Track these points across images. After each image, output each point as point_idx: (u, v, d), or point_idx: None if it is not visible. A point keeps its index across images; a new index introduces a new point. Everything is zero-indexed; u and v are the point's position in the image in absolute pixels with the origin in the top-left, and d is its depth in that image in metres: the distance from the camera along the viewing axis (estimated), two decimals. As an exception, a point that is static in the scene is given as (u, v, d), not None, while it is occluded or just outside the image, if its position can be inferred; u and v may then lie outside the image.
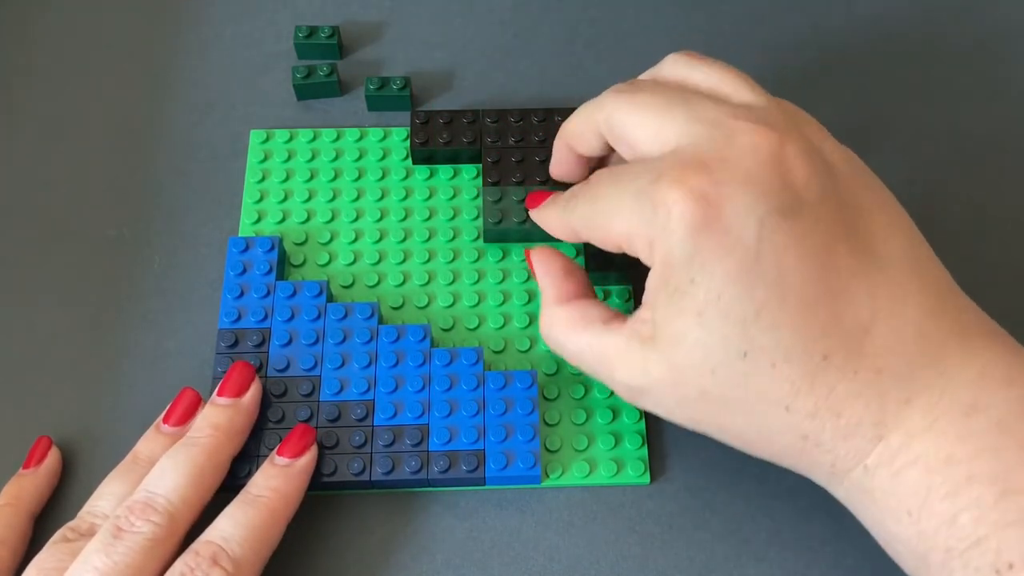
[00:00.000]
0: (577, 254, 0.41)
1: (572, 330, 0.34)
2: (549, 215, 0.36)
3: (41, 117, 0.45)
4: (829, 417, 0.30)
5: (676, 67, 0.34)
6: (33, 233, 0.42)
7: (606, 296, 0.40)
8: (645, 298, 0.32)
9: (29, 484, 0.35)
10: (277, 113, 0.45)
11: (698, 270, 0.30)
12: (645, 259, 0.31)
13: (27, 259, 0.41)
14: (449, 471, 0.36)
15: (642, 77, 0.36)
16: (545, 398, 0.38)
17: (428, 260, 0.41)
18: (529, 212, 0.38)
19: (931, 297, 0.31)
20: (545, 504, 0.36)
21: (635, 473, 0.36)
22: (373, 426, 0.36)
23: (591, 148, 0.36)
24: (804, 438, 0.30)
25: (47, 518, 0.36)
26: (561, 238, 0.36)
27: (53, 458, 0.36)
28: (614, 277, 0.39)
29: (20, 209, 0.42)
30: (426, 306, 0.40)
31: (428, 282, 0.40)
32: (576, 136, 0.36)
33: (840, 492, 0.32)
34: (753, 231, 0.29)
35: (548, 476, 0.36)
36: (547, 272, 0.35)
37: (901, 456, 0.29)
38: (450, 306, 0.40)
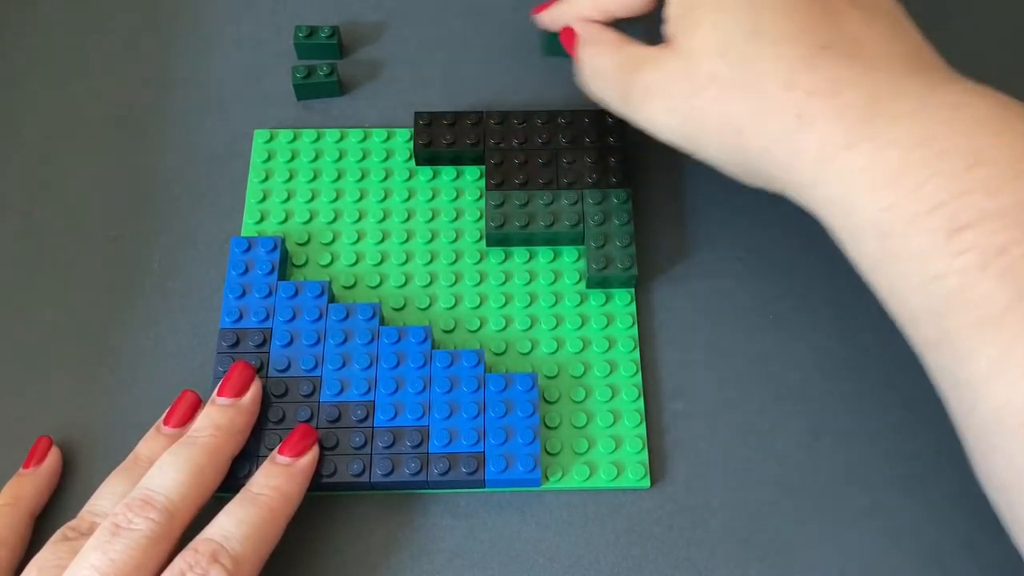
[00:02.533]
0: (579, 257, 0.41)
1: (609, 46, 0.38)
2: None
3: (41, 117, 0.45)
4: (826, 96, 0.32)
5: None
6: (33, 233, 0.42)
7: (607, 299, 0.40)
8: (666, 13, 0.36)
9: (29, 484, 0.35)
10: (277, 113, 0.45)
11: None
12: None
13: (27, 259, 0.41)
14: (449, 473, 0.36)
15: None
16: (546, 401, 0.38)
17: (430, 261, 0.41)
18: (544, 16, 0.42)
19: (917, 43, 0.34)
20: (545, 505, 0.36)
21: (635, 477, 0.36)
22: (373, 427, 0.36)
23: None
24: (799, 116, 0.32)
25: (47, 518, 0.36)
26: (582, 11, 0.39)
27: (53, 458, 0.36)
28: (616, 279, 0.39)
29: (20, 209, 0.42)
30: (428, 307, 0.40)
31: (430, 283, 0.40)
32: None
33: (819, 186, 0.32)
34: None
35: (548, 479, 0.36)
36: (589, 23, 0.40)
37: (885, 135, 0.31)
38: (451, 308, 0.40)
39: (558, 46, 0.42)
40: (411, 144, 0.43)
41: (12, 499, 0.35)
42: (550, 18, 0.42)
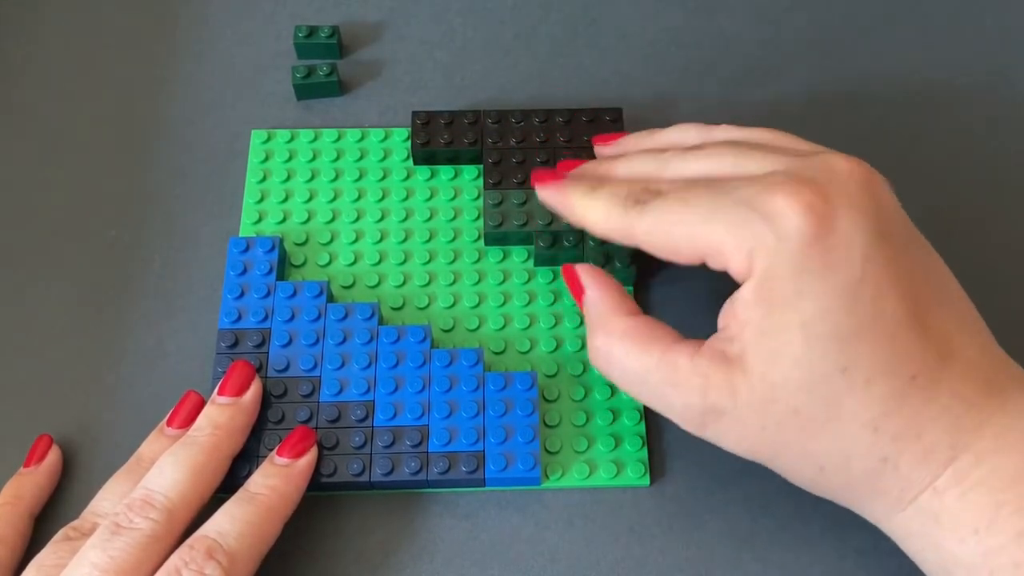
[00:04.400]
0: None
1: (638, 346, 0.33)
2: (598, 210, 0.34)
3: (41, 117, 0.45)
4: (911, 439, 0.30)
5: (721, 133, 0.36)
6: (33, 233, 0.42)
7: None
8: (730, 316, 0.31)
9: (29, 483, 0.36)
10: (277, 113, 0.45)
11: (807, 283, 0.30)
12: (738, 271, 0.31)
13: (27, 259, 0.41)
14: (449, 472, 0.36)
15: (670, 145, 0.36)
16: (545, 399, 0.38)
17: (429, 261, 0.41)
18: (549, 194, 0.36)
19: (987, 338, 0.32)
20: (545, 504, 0.36)
21: (635, 475, 0.36)
22: (373, 427, 0.36)
23: (614, 239, 0.34)
24: (884, 460, 0.30)
25: (47, 517, 0.36)
26: (608, 235, 0.34)
27: (53, 457, 0.36)
28: (616, 277, 0.39)
29: (20, 209, 0.42)
30: (426, 307, 0.40)
31: (428, 283, 0.40)
32: (601, 229, 0.34)
33: (899, 521, 0.31)
34: (859, 251, 0.30)
35: (548, 478, 0.36)
36: (602, 286, 0.35)
37: (971, 476, 0.30)
38: (450, 307, 0.40)
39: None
40: (409, 144, 0.43)
41: (12, 498, 0.35)
42: (548, 195, 0.36)
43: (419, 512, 0.36)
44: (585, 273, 0.35)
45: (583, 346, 0.39)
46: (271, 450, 0.35)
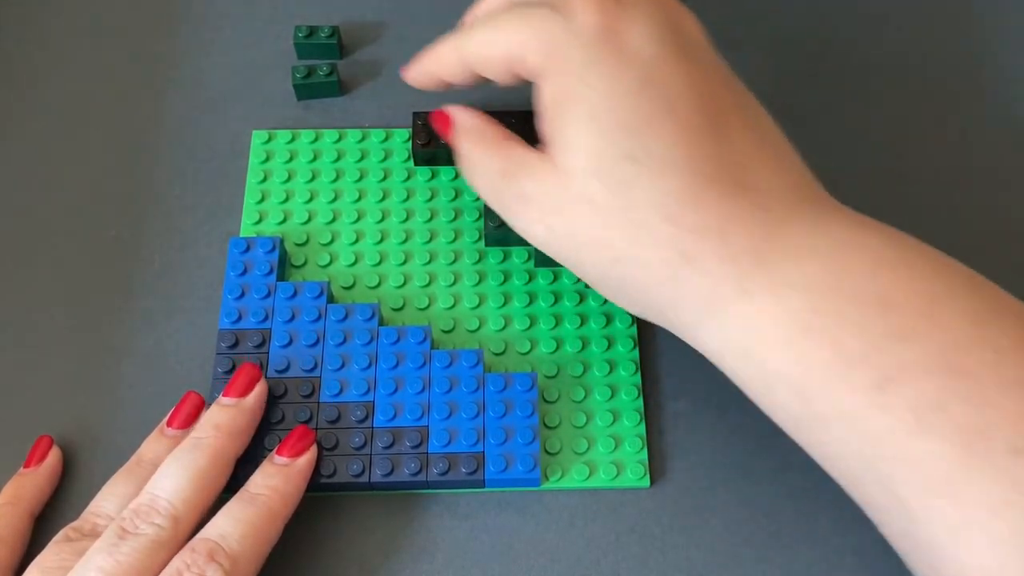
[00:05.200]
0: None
1: (491, 143, 0.35)
2: (441, 52, 0.37)
3: (41, 117, 0.45)
4: (712, 233, 0.30)
5: None
6: (33, 233, 0.42)
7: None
8: (541, 116, 0.33)
9: (29, 483, 0.36)
10: (277, 113, 0.45)
11: (596, 77, 0.31)
12: (539, 74, 0.33)
13: (27, 259, 0.41)
14: (448, 473, 0.36)
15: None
16: (545, 400, 0.38)
17: (429, 262, 0.41)
18: (410, 71, 0.38)
19: (801, 170, 0.33)
20: (545, 505, 0.36)
21: (635, 476, 0.36)
22: (373, 428, 0.36)
23: (457, 78, 0.37)
24: (682, 254, 0.30)
25: (48, 518, 0.36)
26: (455, 79, 0.37)
27: (54, 457, 0.36)
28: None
29: (20, 209, 0.42)
30: (427, 308, 0.40)
31: (429, 284, 0.40)
32: (445, 72, 0.37)
33: (712, 330, 0.31)
34: (649, 53, 0.32)
35: (548, 479, 0.36)
36: (467, 110, 0.37)
37: (783, 279, 0.29)
38: (451, 308, 0.40)
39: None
40: (409, 144, 0.43)
41: (12, 498, 0.35)
42: (415, 73, 0.38)
43: (419, 512, 0.36)
44: (452, 107, 0.37)
45: (584, 347, 0.39)
46: (271, 450, 0.35)
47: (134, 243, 0.42)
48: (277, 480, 0.34)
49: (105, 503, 0.34)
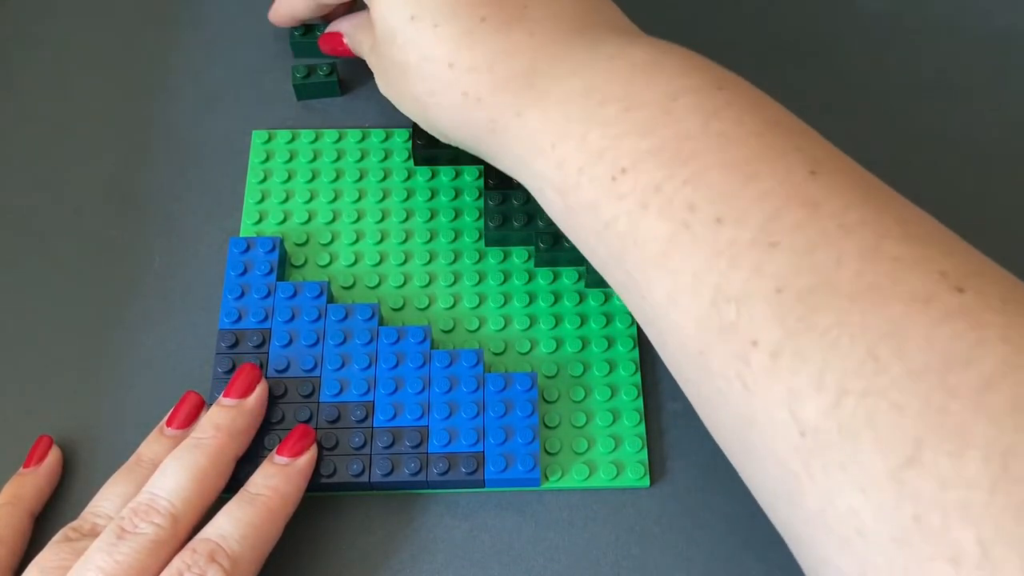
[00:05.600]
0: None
1: (363, 26, 0.40)
2: None
3: (41, 117, 0.45)
4: (485, 70, 0.33)
5: None
6: (33, 233, 0.42)
7: (606, 299, 0.40)
8: None
9: (29, 483, 0.36)
10: (277, 113, 0.45)
11: None
12: None
13: (27, 259, 0.41)
14: (448, 473, 0.36)
15: None
16: (545, 400, 0.38)
17: (429, 261, 0.41)
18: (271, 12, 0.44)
19: (591, 3, 0.35)
20: (545, 505, 0.36)
21: (635, 476, 0.36)
22: (373, 427, 0.36)
23: None
24: (464, 94, 0.33)
25: (47, 517, 0.36)
26: (306, 11, 0.43)
27: (54, 457, 0.36)
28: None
29: (20, 209, 0.42)
30: (427, 307, 0.40)
31: (429, 283, 0.40)
32: None
33: (503, 154, 0.34)
34: None
35: (547, 479, 0.36)
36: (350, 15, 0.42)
37: (550, 97, 0.32)
38: (451, 308, 0.40)
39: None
40: (410, 144, 0.43)
41: (12, 498, 0.35)
42: (277, 14, 0.44)
43: (419, 512, 0.36)
44: (337, 21, 0.43)
45: (583, 347, 0.39)
46: (271, 450, 0.35)
47: (134, 243, 0.42)
48: (277, 480, 0.34)
49: (104, 503, 0.34)
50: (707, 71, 0.32)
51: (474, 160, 0.42)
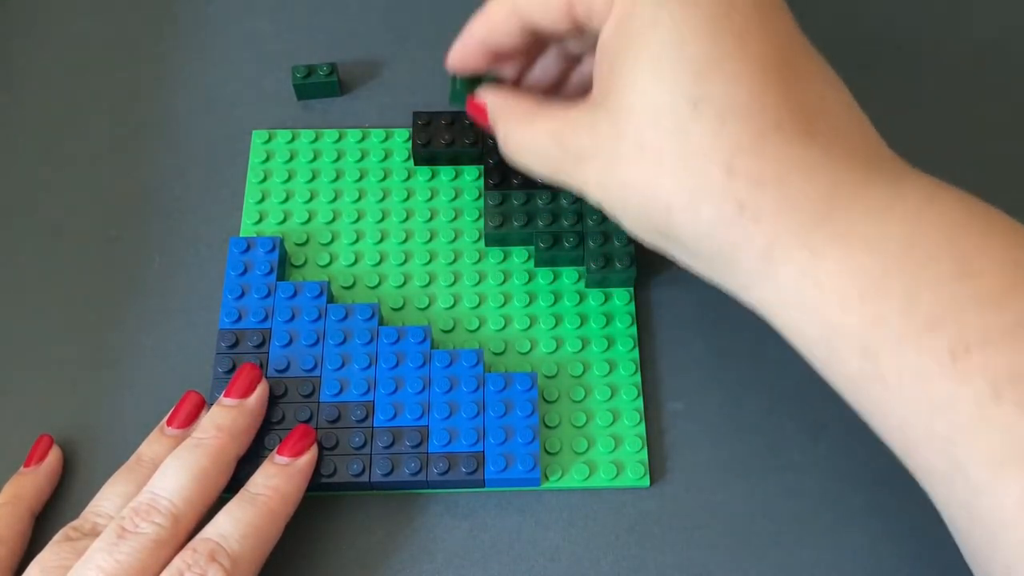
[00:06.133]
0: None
1: (530, 115, 0.33)
2: (489, 10, 0.34)
3: (41, 117, 0.45)
4: (773, 184, 0.28)
5: None
6: (33, 233, 0.42)
7: (606, 299, 0.40)
8: (595, 63, 0.31)
9: (29, 483, 0.36)
10: (277, 113, 0.45)
11: (665, 12, 0.29)
12: (596, 11, 0.30)
13: (27, 259, 0.41)
14: (448, 473, 0.36)
15: None
16: (545, 400, 0.38)
17: (429, 261, 0.41)
18: (454, 49, 0.36)
19: (866, 121, 0.30)
20: (545, 504, 0.36)
21: (635, 476, 0.36)
22: (373, 427, 0.36)
23: (507, 35, 0.34)
24: (741, 207, 0.28)
25: (48, 517, 0.36)
26: (505, 40, 0.34)
27: (54, 457, 0.36)
28: (615, 278, 0.39)
29: (20, 209, 0.42)
30: (427, 307, 0.40)
31: (429, 283, 0.40)
32: (493, 20, 0.34)
33: (771, 286, 0.29)
34: None
35: (547, 479, 0.36)
36: (500, 91, 0.35)
37: (855, 235, 0.28)
38: (451, 307, 0.40)
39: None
40: (410, 144, 0.43)
41: (12, 498, 0.35)
42: (459, 46, 0.36)
43: (419, 512, 0.36)
44: (483, 90, 0.36)
45: (583, 347, 0.39)
46: (271, 450, 0.35)
47: (134, 243, 0.42)
48: (278, 480, 0.34)
49: (104, 503, 0.34)
50: None
51: (474, 160, 0.43)
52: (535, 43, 0.35)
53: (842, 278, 0.28)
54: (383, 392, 0.37)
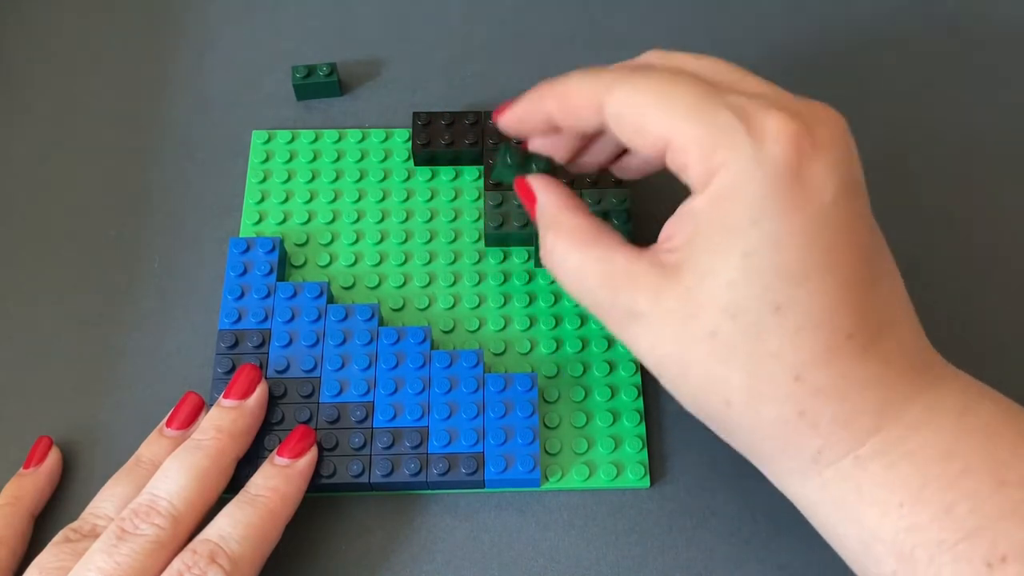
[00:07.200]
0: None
1: (582, 242, 0.32)
2: (571, 88, 0.32)
3: (41, 117, 0.45)
4: (836, 398, 0.29)
5: (664, 59, 0.33)
6: (33, 233, 0.42)
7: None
8: (676, 226, 0.30)
9: (29, 484, 0.36)
10: (277, 113, 0.45)
11: (767, 215, 0.28)
12: (696, 177, 0.29)
13: (27, 259, 0.41)
14: (448, 474, 0.36)
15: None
16: (545, 401, 0.38)
17: (429, 262, 0.41)
18: (511, 111, 0.34)
19: (917, 321, 0.31)
20: (545, 505, 0.36)
21: (635, 477, 0.36)
22: (372, 428, 0.36)
23: (579, 122, 0.32)
24: (801, 414, 0.29)
25: (47, 518, 0.36)
26: (577, 110, 0.32)
27: (53, 458, 0.36)
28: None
29: (20, 209, 0.42)
30: (426, 308, 0.40)
31: (429, 284, 0.40)
32: (571, 104, 0.32)
33: (814, 487, 0.30)
34: (831, 194, 0.29)
35: (547, 479, 0.36)
36: (553, 190, 0.33)
37: (898, 448, 0.29)
38: (450, 308, 0.40)
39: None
40: (410, 144, 0.43)
41: (12, 499, 0.35)
42: (507, 121, 0.35)
43: (419, 513, 0.36)
44: (537, 181, 0.34)
45: (583, 347, 0.39)
46: (271, 451, 0.35)
47: (134, 243, 0.42)
48: (277, 481, 0.34)
49: (104, 504, 0.34)
50: None
51: (474, 160, 0.43)
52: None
53: (883, 488, 0.29)
54: (383, 393, 0.37)
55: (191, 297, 0.40)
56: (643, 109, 0.30)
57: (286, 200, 0.42)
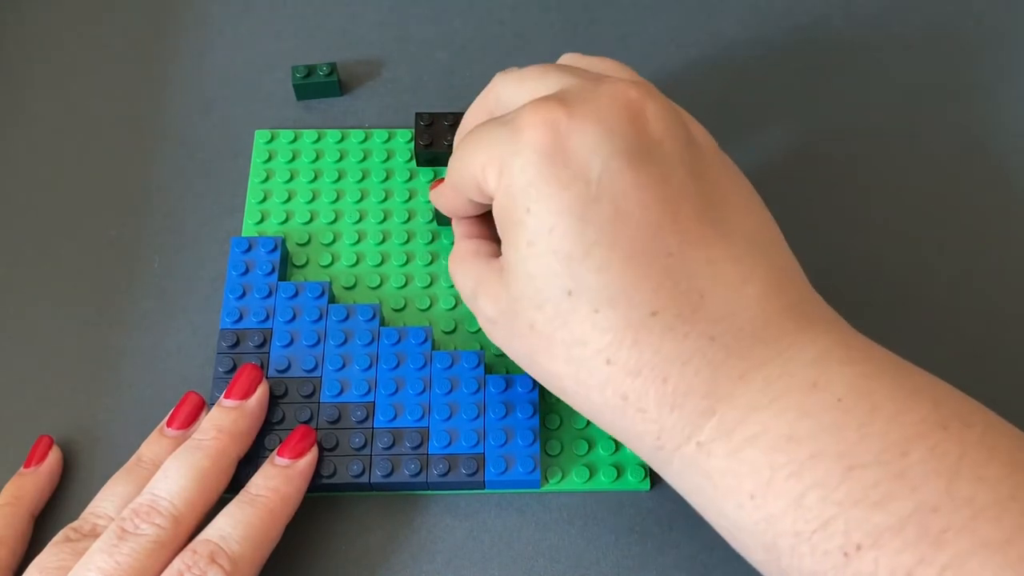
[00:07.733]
0: None
1: (461, 259, 0.34)
2: (443, 191, 0.35)
3: (41, 117, 0.45)
4: (653, 380, 0.28)
5: (567, 59, 0.35)
6: (33, 233, 0.42)
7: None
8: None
9: (29, 483, 0.35)
10: (277, 113, 0.45)
11: (534, 200, 0.29)
12: (493, 190, 0.31)
13: (27, 259, 0.41)
14: (449, 475, 0.36)
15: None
16: (546, 402, 0.38)
17: (431, 262, 0.41)
18: (431, 197, 0.37)
19: (774, 281, 0.29)
20: (545, 505, 0.36)
21: (635, 479, 0.36)
22: (373, 428, 0.36)
23: (473, 213, 0.35)
24: (624, 397, 0.29)
25: (47, 518, 0.36)
26: (450, 208, 0.35)
27: (54, 457, 0.36)
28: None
29: (20, 209, 0.42)
30: (428, 308, 0.40)
31: (430, 284, 0.40)
32: (458, 205, 0.35)
33: (670, 472, 0.29)
34: (596, 169, 0.29)
35: (548, 481, 0.36)
36: (461, 220, 0.36)
37: (739, 433, 0.28)
38: (452, 309, 0.40)
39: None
40: (412, 145, 0.43)
41: (12, 499, 0.35)
42: (435, 200, 0.37)
43: (419, 513, 0.36)
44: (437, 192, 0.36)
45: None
46: (272, 451, 0.35)
47: (134, 243, 0.42)
48: (278, 481, 0.34)
49: (104, 504, 0.34)
50: (923, 398, 0.27)
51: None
52: None
53: (733, 478, 0.28)
54: (384, 393, 0.37)
55: (191, 297, 0.40)
56: (459, 177, 0.32)
57: (288, 200, 0.42)
